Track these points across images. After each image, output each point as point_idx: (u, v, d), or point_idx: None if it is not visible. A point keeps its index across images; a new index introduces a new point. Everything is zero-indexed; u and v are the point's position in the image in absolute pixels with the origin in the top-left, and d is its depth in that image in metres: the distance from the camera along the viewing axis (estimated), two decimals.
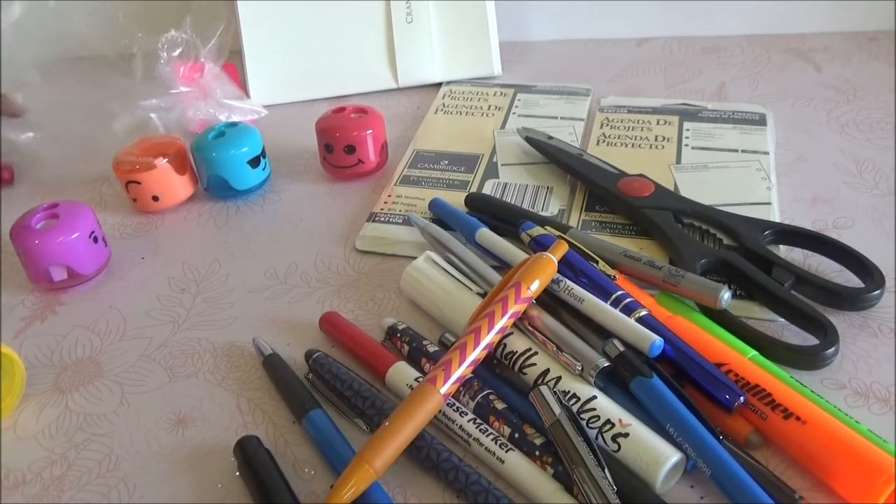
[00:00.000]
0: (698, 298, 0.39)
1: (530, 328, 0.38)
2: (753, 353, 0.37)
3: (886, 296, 0.40)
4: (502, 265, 0.43)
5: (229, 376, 0.41)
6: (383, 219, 0.50)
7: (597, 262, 0.41)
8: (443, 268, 0.43)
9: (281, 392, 0.39)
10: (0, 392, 0.39)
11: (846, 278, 0.42)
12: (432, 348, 0.39)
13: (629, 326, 0.37)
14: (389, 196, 0.52)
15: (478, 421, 0.35)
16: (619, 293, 0.39)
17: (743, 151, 0.52)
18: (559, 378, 0.36)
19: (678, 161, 0.52)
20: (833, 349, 0.37)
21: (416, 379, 0.38)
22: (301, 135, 0.58)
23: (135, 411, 0.39)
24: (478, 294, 0.41)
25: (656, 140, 0.55)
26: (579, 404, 0.35)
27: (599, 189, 0.49)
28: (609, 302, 0.39)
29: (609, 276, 0.40)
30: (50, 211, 0.47)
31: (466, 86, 0.64)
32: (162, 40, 0.56)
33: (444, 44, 0.64)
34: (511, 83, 0.64)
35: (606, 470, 0.32)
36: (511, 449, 0.34)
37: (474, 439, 0.35)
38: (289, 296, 0.45)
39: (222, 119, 0.59)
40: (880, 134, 0.54)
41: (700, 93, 0.61)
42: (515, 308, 0.36)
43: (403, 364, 0.39)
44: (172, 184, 0.52)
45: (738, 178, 0.50)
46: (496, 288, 0.38)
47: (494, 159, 0.54)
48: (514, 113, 0.60)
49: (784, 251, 0.44)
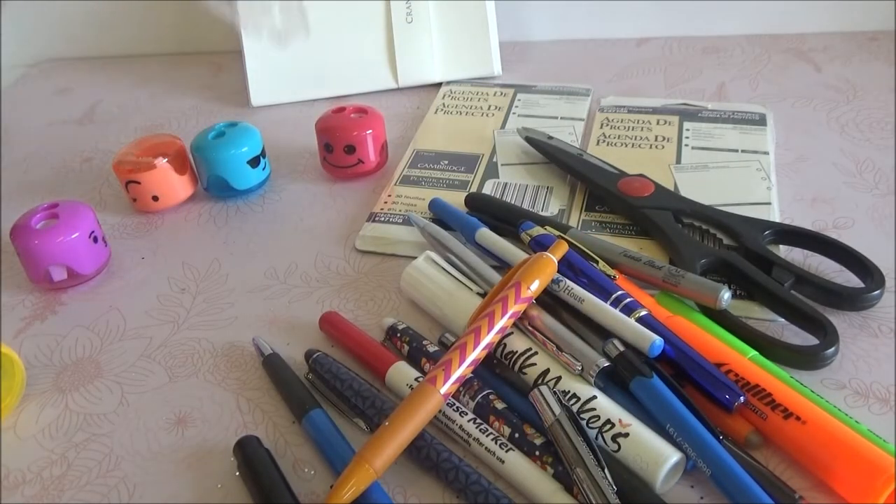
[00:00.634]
0: (698, 298, 0.39)
1: (530, 328, 0.38)
2: (753, 353, 0.37)
3: (886, 296, 0.40)
4: (502, 265, 0.43)
5: (229, 376, 0.41)
6: (383, 219, 0.50)
7: (597, 262, 0.41)
8: (443, 268, 0.43)
9: (281, 392, 0.39)
10: (0, 392, 0.39)
11: (846, 278, 0.42)
12: (432, 348, 0.39)
13: (629, 326, 0.37)
14: (389, 196, 0.52)
15: (478, 421, 0.35)
16: (619, 293, 0.39)
17: (743, 151, 0.52)
18: (559, 378, 0.36)
19: (678, 161, 0.52)
20: (833, 349, 0.37)
21: (416, 379, 0.38)
22: (301, 135, 0.58)
23: (135, 411, 0.39)
24: (478, 294, 0.41)
25: (656, 140, 0.55)
26: (579, 404, 0.35)
27: (599, 189, 0.49)
28: (609, 302, 0.39)
29: (609, 276, 0.40)
30: (50, 211, 0.47)
31: (466, 86, 0.64)
32: None
33: (444, 44, 0.64)
34: (511, 83, 0.64)
35: (606, 470, 0.32)
36: (511, 449, 0.34)
37: (474, 439, 0.35)
38: (289, 296, 0.45)
39: None
40: (880, 134, 0.54)
41: (700, 93, 0.61)
42: (515, 308, 0.36)
43: (403, 364, 0.39)
44: (172, 184, 0.52)
45: (738, 178, 0.50)
46: (496, 288, 0.38)
47: (494, 159, 0.54)
48: (514, 113, 0.60)
49: (784, 251, 0.44)
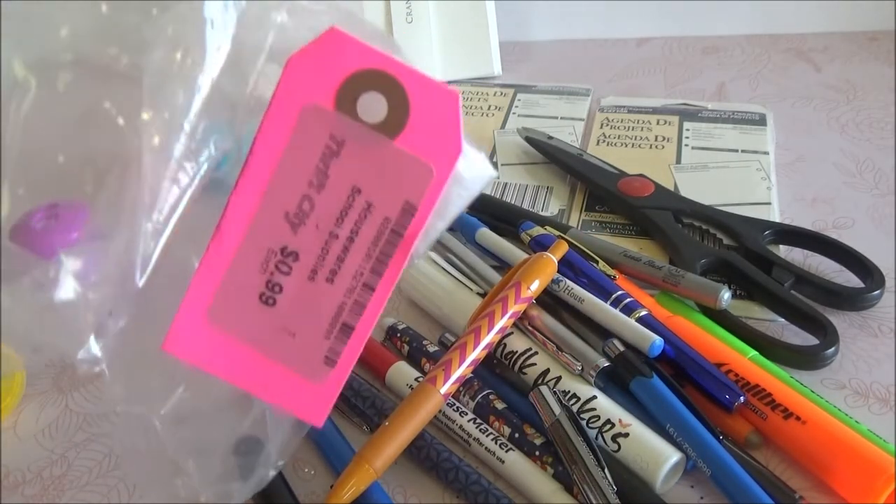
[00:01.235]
0: (698, 298, 0.39)
1: (530, 328, 0.38)
2: (753, 353, 0.37)
3: (886, 296, 0.40)
4: (502, 265, 0.43)
5: None
6: None
7: (597, 262, 0.41)
8: (443, 268, 0.43)
9: None
10: (0, 392, 0.39)
11: (846, 278, 0.42)
12: (432, 348, 0.39)
13: (629, 326, 0.37)
14: None
15: (478, 421, 0.35)
16: (619, 293, 0.39)
17: (743, 151, 0.52)
18: (559, 378, 0.36)
19: (678, 161, 0.52)
20: (833, 349, 0.37)
21: (416, 379, 0.38)
22: None
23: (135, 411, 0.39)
24: (478, 294, 0.41)
25: (656, 140, 0.55)
26: (579, 404, 0.35)
27: (599, 189, 0.49)
28: (609, 302, 0.39)
29: (609, 276, 0.40)
30: (50, 211, 0.47)
31: (466, 86, 0.64)
32: None
33: (444, 44, 0.64)
34: (511, 83, 0.64)
35: (606, 470, 0.32)
36: (511, 449, 0.34)
37: (474, 439, 0.35)
38: None
39: None
40: (880, 134, 0.54)
41: (700, 93, 0.61)
42: (515, 308, 0.36)
43: (403, 364, 0.39)
44: None
45: (738, 178, 0.50)
46: (496, 288, 0.38)
47: (494, 159, 0.54)
48: (514, 113, 0.60)
49: (784, 251, 0.44)
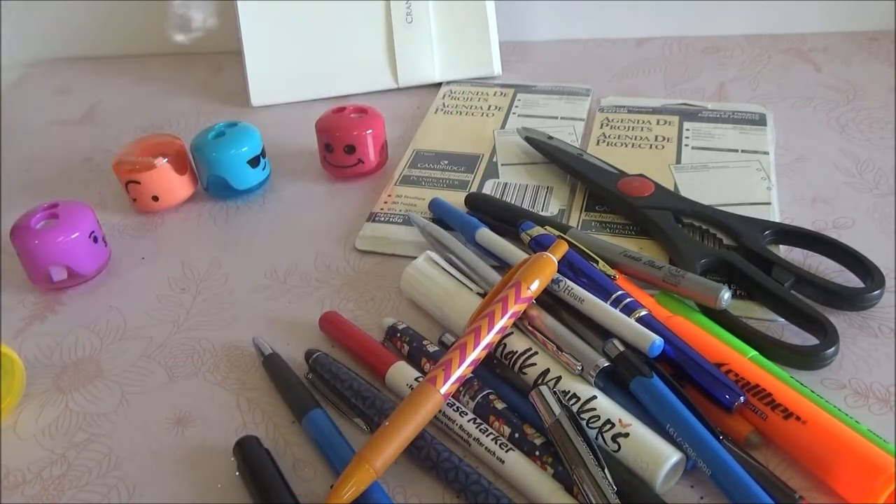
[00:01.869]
0: (698, 298, 0.39)
1: (530, 328, 0.38)
2: (753, 353, 0.37)
3: (886, 296, 0.40)
4: (502, 265, 0.43)
5: (229, 376, 0.41)
6: (383, 219, 0.50)
7: (597, 262, 0.41)
8: (443, 268, 0.43)
9: (281, 392, 0.39)
10: (0, 392, 0.39)
11: (846, 278, 0.42)
12: (432, 348, 0.39)
13: (629, 326, 0.37)
14: (389, 196, 0.52)
15: (478, 421, 0.35)
16: (620, 293, 0.39)
17: (743, 151, 0.52)
18: (559, 378, 0.36)
19: (678, 161, 0.52)
20: (833, 349, 0.37)
21: (416, 379, 0.38)
22: (301, 135, 0.58)
23: (135, 411, 0.39)
24: (478, 294, 0.41)
25: (656, 140, 0.55)
26: (579, 404, 0.35)
27: (599, 189, 0.49)
28: (609, 302, 0.39)
29: (609, 276, 0.40)
30: (50, 211, 0.47)
31: (466, 86, 0.64)
32: None
33: (444, 44, 0.64)
34: (511, 83, 0.64)
35: (606, 470, 0.32)
36: (511, 449, 0.34)
37: (474, 439, 0.35)
38: (289, 296, 0.45)
39: None
40: (880, 134, 0.54)
41: (700, 93, 0.61)
42: (515, 308, 0.36)
43: (403, 364, 0.39)
44: (172, 184, 0.52)
45: (738, 178, 0.50)
46: (496, 288, 0.38)
47: (494, 159, 0.54)
48: (514, 113, 0.60)
49: (784, 251, 0.44)
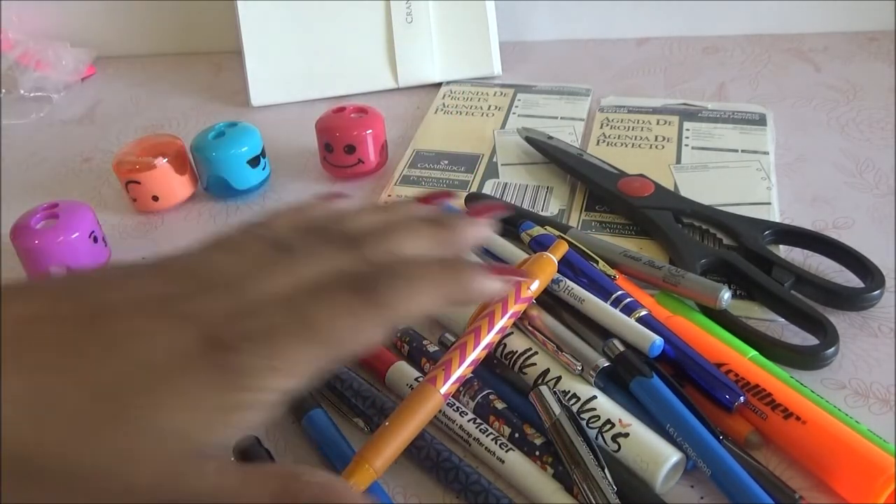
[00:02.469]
0: (698, 298, 0.39)
1: (530, 328, 0.38)
2: (753, 353, 0.37)
3: (886, 296, 0.40)
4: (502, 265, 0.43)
5: None
6: None
7: (597, 262, 0.41)
8: None
9: None
10: None
11: (846, 278, 0.42)
12: (432, 348, 0.39)
13: (629, 326, 0.37)
14: (389, 196, 0.52)
15: (478, 421, 0.35)
16: (620, 293, 0.39)
17: (743, 151, 0.52)
18: (559, 378, 0.36)
19: (678, 161, 0.52)
20: (833, 349, 0.37)
21: (417, 379, 0.38)
22: (301, 135, 0.58)
23: None
24: None
25: (656, 140, 0.55)
26: (579, 404, 0.35)
27: (599, 189, 0.49)
28: (609, 302, 0.39)
29: (609, 276, 0.40)
30: (50, 211, 0.47)
31: (466, 86, 0.64)
32: None
33: (444, 44, 0.64)
34: (511, 83, 0.64)
35: (606, 470, 0.32)
36: (511, 449, 0.34)
37: (474, 439, 0.35)
38: None
39: None
40: (880, 134, 0.54)
41: (700, 93, 0.61)
42: (515, 308, 0.36)
43: (403, 364, 0.39)
44: (172, 184, 0.52)
45: (738, 178, 0.50)
46: None
47: (494, 159, 0.54)
48: (514, 113, 0.60)
49: (784, 251, 0.44)
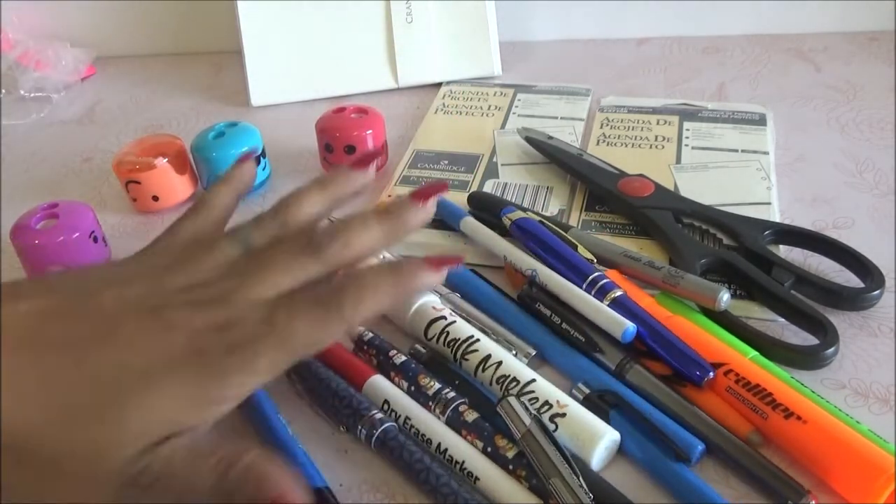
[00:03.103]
0: (697, 299, 0.39)
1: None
2: (754, 353, 0.37)
3: (886, 296, 0.40)
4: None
5: None
6: None
7: (576, 248, 0.42)
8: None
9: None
10: None
11: (846, 278, 0.42)
12: (399, 359, 0.38)
13: (603, 313, 0.38)
14: (389, 196, 0.52)
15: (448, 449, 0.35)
16: (595, 274, 0.40)
17: (743, 151, 0.52)
18: (500, 363, 0.37)
19: (678, 161, 0.52)
20: (833, 349, 0.37)
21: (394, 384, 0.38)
22: (301, 135, 0.58)
23: None
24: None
25: (656, 140, 0.55)
26: (519, 387, 0.36)
27: (599, 189, 0.49)
28: (585, 285, 0.40)
29: (588, 261, 0.41)
30: (50, 211, 0.47)
31: (466, 86, 0.64)
32: None
33: (444, 44, 0.64)
34: (511, 83, 0.64)
35: (581, 478, 0.31)
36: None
37: (455, 462, 0.34)
38: None
39: None
40: (880, 134, 0.54)
41: (700, 93, 0.61)
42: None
43: (380, 378, 0.38)
44: (172, 184, 0.52)
45: (738, 178, 0.50)
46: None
47: (494, 159, 0.54)
48: (514, 113, 0.60)
49: (784, 251, 0.44)
